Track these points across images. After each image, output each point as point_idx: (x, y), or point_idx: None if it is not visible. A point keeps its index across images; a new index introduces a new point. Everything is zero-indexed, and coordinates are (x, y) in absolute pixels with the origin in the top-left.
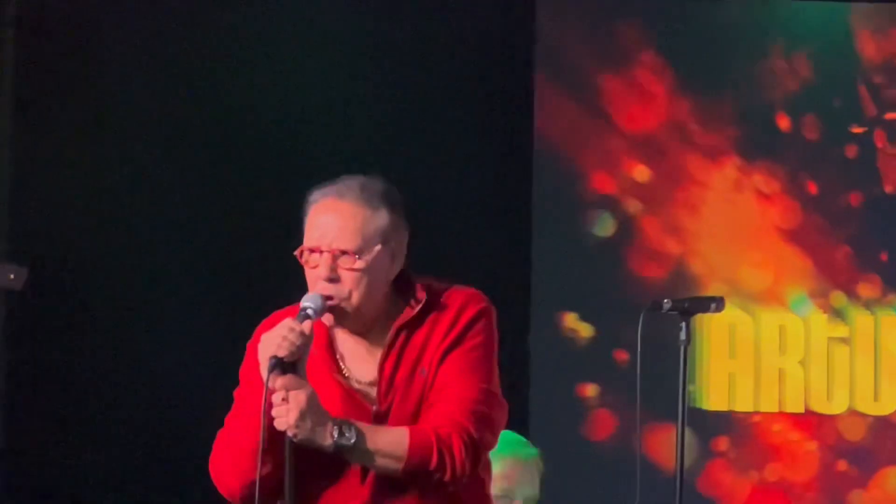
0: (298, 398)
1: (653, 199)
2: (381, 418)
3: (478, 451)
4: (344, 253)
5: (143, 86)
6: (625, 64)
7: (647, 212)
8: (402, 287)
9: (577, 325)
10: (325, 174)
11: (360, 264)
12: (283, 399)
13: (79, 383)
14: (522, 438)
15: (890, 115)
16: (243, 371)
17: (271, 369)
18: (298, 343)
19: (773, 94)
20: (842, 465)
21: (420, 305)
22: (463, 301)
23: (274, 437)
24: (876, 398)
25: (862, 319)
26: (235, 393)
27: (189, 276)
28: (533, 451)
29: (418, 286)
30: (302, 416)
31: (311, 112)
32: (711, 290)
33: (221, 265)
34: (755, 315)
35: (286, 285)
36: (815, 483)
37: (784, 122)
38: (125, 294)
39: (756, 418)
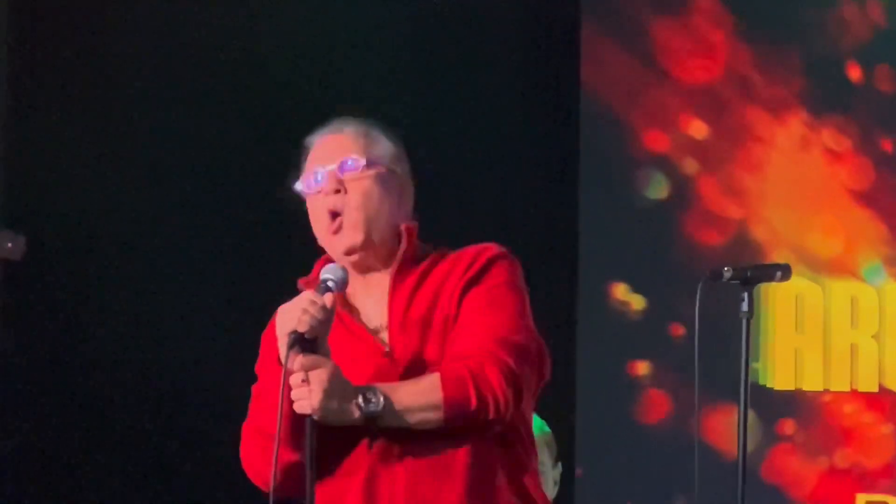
0: (321, 377)
1: (711, 158)
2: (395, 361)
3: (518, 383)
4: (349, 163)
5: (148, 54)
6: (680, 9)
7: (704, 172)
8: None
9: (628, 297)
10: None
11: (367, 174)
12: (302, 381)
13: (79, 367)
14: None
15: None
16: (259, 366)
17: (291, 345)
18: (320, 317)
19: (844, 42)
20: None
21: (427, 247)
22: (481, 247)
23: (297, 421)
24: None
25: None
26: (253, 388)
27: (199, 257)
28: (545, 429)
29: (426, 243)
30: (327, 396)
31: (341, 84)
32: (776, 258)
33: (232, 244)
34: (825, 285)
35: (301, 271)
36: (891, 469)
37: (855, 73)
38: (130, 273)
39: (826, 398)
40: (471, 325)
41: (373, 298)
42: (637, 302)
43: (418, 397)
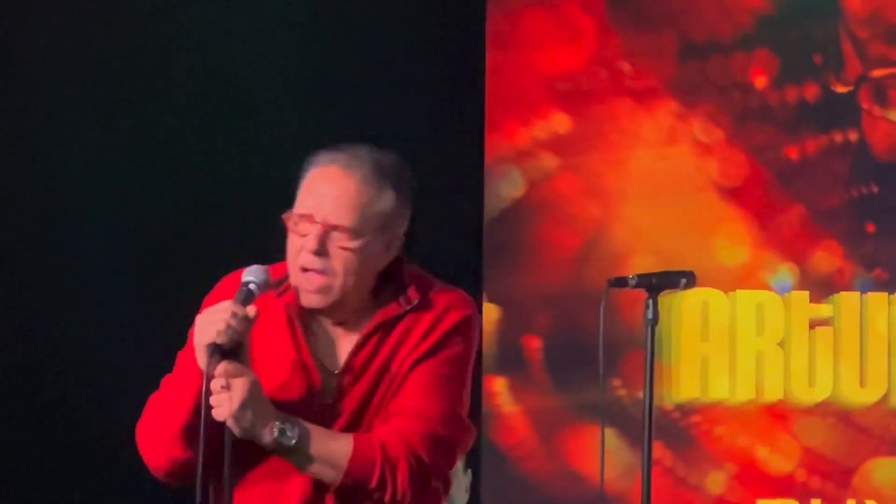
0: (242, 387)
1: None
2: (333, 413)
3: (425, 478)
4: (338, 229)
5: (64, 65)
6: None
7: (563, 168)
8: (391, 277)
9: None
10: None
11: (353, 244)
12: (222, 387)
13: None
14: None
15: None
16: (183, 356)
17: (211, 355)
18: (241, 330)
19: (722, 29)
20: None
21: (409, 307)
22: (447, 305)
23: (207, 421)
24: None
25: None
26: (180, 354)
27: (123, 256)
28: None
29: (412, 288)
30: (243, 406)
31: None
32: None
33: (160, 245)
34: (730, 293)
35: (232, 266)
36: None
37: (732, 62)
38: (57, 282)
39: (695, 419)
40: (406, 402)
41: (337, 334)
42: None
43: (328, 453)
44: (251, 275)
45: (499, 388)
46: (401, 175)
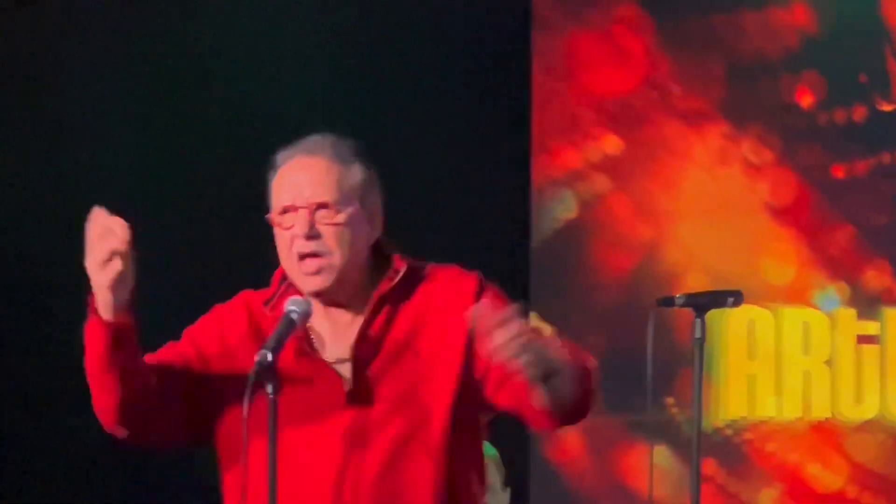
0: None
1: (623, 173)
2: (357, 398)
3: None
4: (322, 206)
5: (96, 68)
6: (600, 18)
7: (616, 189)
8: (378, 257)
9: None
10: None
11: (340, 217)
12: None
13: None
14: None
15: None
16: (194, 333)
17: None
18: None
19: (770, 51)
20: None
21: (399, 276)
22: (453, 276)
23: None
24: None
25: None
26: (172, 347)
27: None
28: (492, 450)
29: (395, 257)
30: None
31: (295, 95)
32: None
33: (189, 255)
34: (777, 312)
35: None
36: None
37: (780, 84)
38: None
39: (747, 436)
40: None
41: (335, 329)
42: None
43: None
44: (294, 304)
45: None
46: (360, 151)
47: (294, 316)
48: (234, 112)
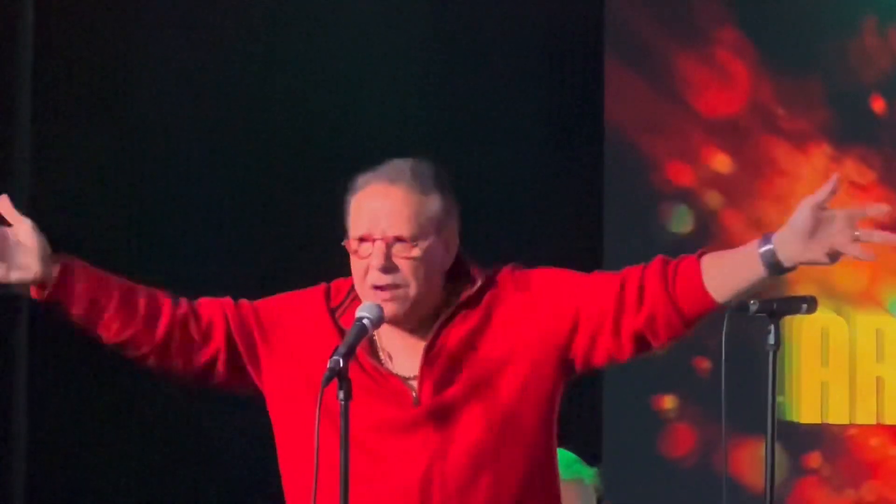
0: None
1: (735, 191)
2: (429, 413)
3: None
4: (399, 240)
5: (173, 70)
6: (702, 42)
7: (728, 205)
8: (456, 277)
9: None
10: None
11: (416, 252)
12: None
13: (103, 382)
14: (575, 456)
15: None
16: (258, 305)
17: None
18: None
19: (866, 73)
20: None
21: (476, 286)
22: (510, 269)
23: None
24: None
25: None
26: (220, 301)
27: (217, 272)
28: (590, 470)
29: (474, 270)
30: None
31: (364, 102)
32: (801, 291)
33: (254, 260)
34: (850, 318)
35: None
36: None
37: (879, 105)
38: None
39: (851, 431)
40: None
41: (411, 343)
42: None
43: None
44: (365, 311)
45: (669, 404)
46: (440, 176)
47: (366, 321)
48: (312, 127)
